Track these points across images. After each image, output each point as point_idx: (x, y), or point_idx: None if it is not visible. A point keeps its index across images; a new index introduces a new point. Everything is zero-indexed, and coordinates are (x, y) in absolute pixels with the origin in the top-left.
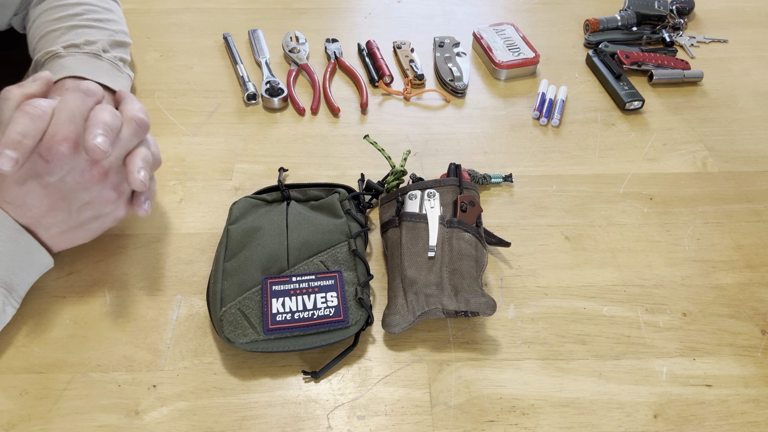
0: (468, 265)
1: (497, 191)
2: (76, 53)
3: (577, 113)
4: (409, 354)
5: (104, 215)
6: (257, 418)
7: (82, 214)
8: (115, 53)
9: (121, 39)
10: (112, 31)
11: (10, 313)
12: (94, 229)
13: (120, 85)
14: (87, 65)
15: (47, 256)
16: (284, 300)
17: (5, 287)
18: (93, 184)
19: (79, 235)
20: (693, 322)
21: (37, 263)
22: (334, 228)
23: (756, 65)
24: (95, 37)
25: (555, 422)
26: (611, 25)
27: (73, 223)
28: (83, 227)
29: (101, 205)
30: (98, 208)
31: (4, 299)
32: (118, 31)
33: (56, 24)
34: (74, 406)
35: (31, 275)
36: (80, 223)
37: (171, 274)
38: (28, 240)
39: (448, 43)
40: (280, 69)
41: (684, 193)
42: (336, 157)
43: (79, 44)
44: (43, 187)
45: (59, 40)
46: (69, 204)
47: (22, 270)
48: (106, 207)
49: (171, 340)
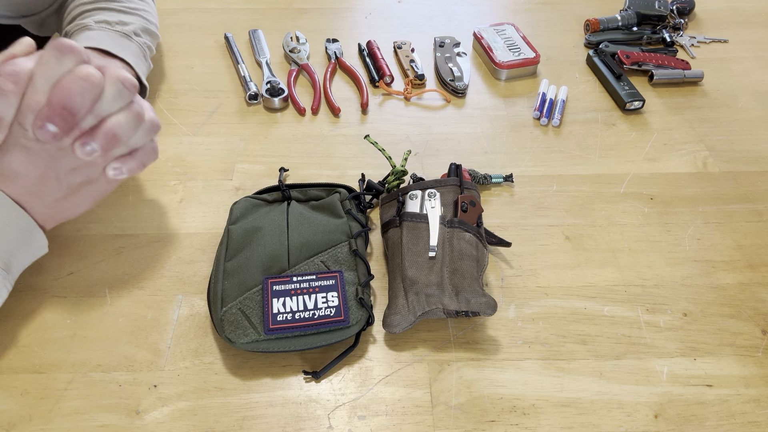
0: (469, 265)
1: (498, 191)
2: (106, 29)
3: (577, 113)
4: (410, 354)
5: (95, 179)
6: (258, 418)
7: (71, 179)
8: (144, 39)
9: (152, 29)
10: (146, 20)
11: (4, 296)
12: (90, 193)
13: (142, 72)
14: (115, 42)
15: (43, 238)
16: (285, 300)
17: (4, 268)
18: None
19: (76, 202)
20: (693, 322)
21: (33, 245)
22: (335, 228)
23: (756, 65)
24: (128, 20)
25: (556, 422)
26: (612, 25)
27: (66, 190)
28: (77, 193)
29: (88, 169)
30: (86, 173)
31: (3, 280)
32: (151, 21)
33: (91, 5)
34: (75, 406)
35: (27, 257)
36: (72, 189)
37: (171, 274)
38: (25, 219)
39: (448, 43)
40: (280, 69)
41: (684, 193)
42: (336, 157)
43: (111, 22)
44: (27, 153)
45: (92, 17)
46: (56, 170)
47: (19, 251)
48: (94, 170)
49: (172, 340)
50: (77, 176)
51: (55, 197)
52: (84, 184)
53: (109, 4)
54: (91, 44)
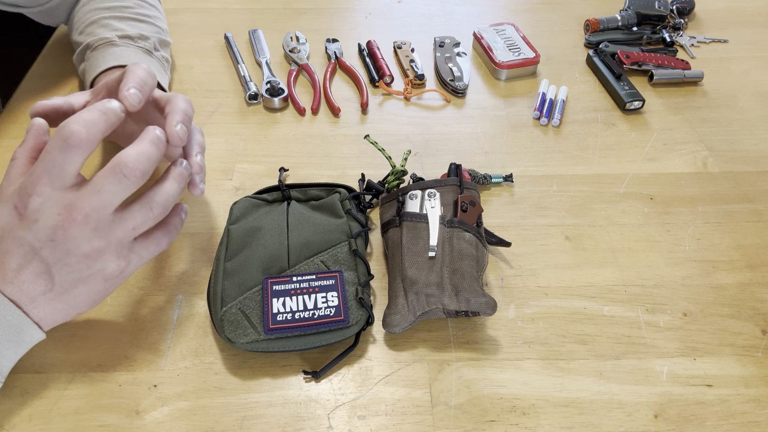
0: (468, 265)
1: (498, 191)
2: (130, 45)
3: (577, 113)
4: (410, 354)
5: (90, 276)
6: (258, 417)
7: (64, 278)
8: (162, 53)
9: (166, 38)
10: (160, 29)
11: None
12: (85, 294)
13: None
14: (141, 59)
15: (38, 332)
16: (285, 300)
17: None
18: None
19: (70, 303)
20: (693, 322)
21: (26, 340)
22: (335, 228)
23: (756, 65)
24: (147, 33)
25: (555, 422)
26: (611, 25)
27: (58, 289)
28: (70, 293)
29: (81, 264)
30: (79, 269)
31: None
32: (164, 29)
33: (107, 12)
34: (75, 405)
35: (17, 353)
36: (65, 288)
37: (171, 274)
38: (14, 313)
39: (448, 43)
40: (280, 69)
41: (684, 193)
42: (336, 157)
43: (133, 36)
44: (20, 246)
45: (112, 28)
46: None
47: (8, 349)
48: (89, 266)
49: (171, 340)
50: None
51: (45, 296)
52: (78, 282)
53: (123, 12)
54: (122, 62)
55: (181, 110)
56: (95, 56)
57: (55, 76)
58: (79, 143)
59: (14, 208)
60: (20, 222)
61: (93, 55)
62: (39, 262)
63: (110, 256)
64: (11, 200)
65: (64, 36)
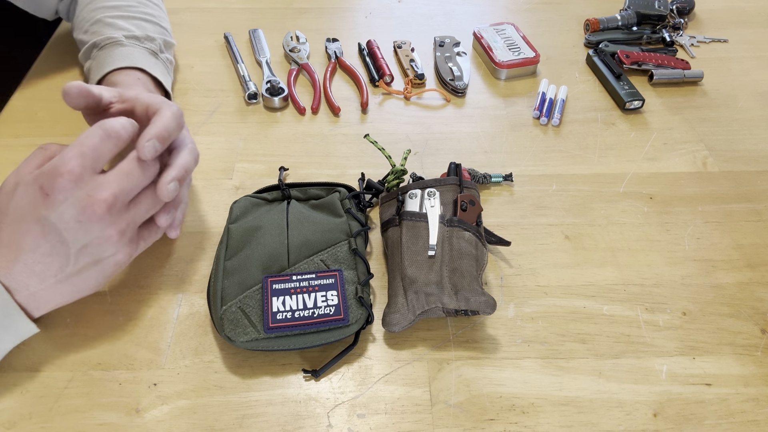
0: (468, 264)
1: (497, 190)
2: (137, 45)
3: (577, 113)
4: (409, 353)
5: (104, 259)
6: (257, 416)
7: (80, 260)
8: (167, 55)
9: (170, 40)
10: (164, 30)
11: None
12: (93, 277)
13: (169, 87)
14: (147, 60)
15: (29, 323)
16: (285, 298)
17: None
18: (93, 221)
19: (78, 286)
20: (693, 321)
21: (14, 331)
22: (335, 227)
23: (756, 65)
24: (153, 34)
25: (555, 421)
26: (611, 25)
27: (71, 271)
28: (81, 275)
29: (100, 246)
30: (97, 251)
31: None
32: (168, 30)
33: (113, 11)
34: (75, 404)
35: (5, 344)
36: (78, 270)
37: (172, 272)
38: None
39: (448, 43)
40: (280, 68)
41: (684, 192)
42: (336, 157)
43: (140, 37)
44: (42, 226)
45: (118, 27)
46: (68, 247)
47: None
48: (106, 249)
49: (171, 338)
50: (86, 256)
51: (57, 278)
52: (90, 265)
53: (128, 12)
54: (130, 63)
55: (180, 166)
56: (102, 55)
57: (55, 75)
58: (118, 138)
59: (40, 188)
60: (44, 201)
61: (100, 54)
62: (59, 242)
63: (124, 240)
64: (36, 182)
65: (66, 36)
